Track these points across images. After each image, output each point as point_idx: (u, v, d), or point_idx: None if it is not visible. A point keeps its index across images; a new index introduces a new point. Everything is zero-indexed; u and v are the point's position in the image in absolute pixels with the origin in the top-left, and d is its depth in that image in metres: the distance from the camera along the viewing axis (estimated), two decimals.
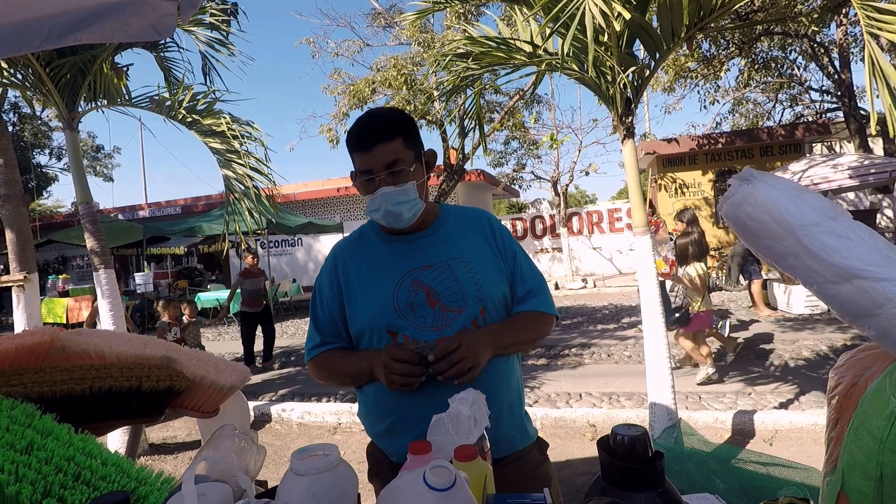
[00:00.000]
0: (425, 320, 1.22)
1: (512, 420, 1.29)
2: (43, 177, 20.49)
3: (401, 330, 1.22)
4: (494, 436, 1.23)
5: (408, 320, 1.22)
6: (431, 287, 1.24)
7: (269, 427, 4.75)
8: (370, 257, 1.32)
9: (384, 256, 1.31)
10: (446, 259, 1.28)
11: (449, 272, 1.26)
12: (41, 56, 3.78)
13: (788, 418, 3.90)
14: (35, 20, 1.69)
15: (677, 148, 12.59)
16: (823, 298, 0.90)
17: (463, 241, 1.32)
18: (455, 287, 1.24)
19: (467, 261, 1.28)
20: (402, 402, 1.20)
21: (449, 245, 1.31)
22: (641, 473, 0.71)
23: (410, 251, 1.30)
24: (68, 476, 0.80)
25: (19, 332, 1.02)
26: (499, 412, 1.24)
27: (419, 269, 1.27)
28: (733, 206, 0.97)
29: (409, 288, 1.24)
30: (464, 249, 1.30)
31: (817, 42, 10.21)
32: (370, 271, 1.30)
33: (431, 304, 1.23)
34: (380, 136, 1.21)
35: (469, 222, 1.37)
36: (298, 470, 0.75)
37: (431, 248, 1.30)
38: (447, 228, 1.34)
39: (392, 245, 1.32)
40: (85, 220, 4.06)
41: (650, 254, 3.36)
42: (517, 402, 1.32)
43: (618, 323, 8.45)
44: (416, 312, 1.23)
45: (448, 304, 1.23)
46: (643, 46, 3.07)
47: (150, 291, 12.17)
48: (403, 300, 1.23)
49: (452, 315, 1.23)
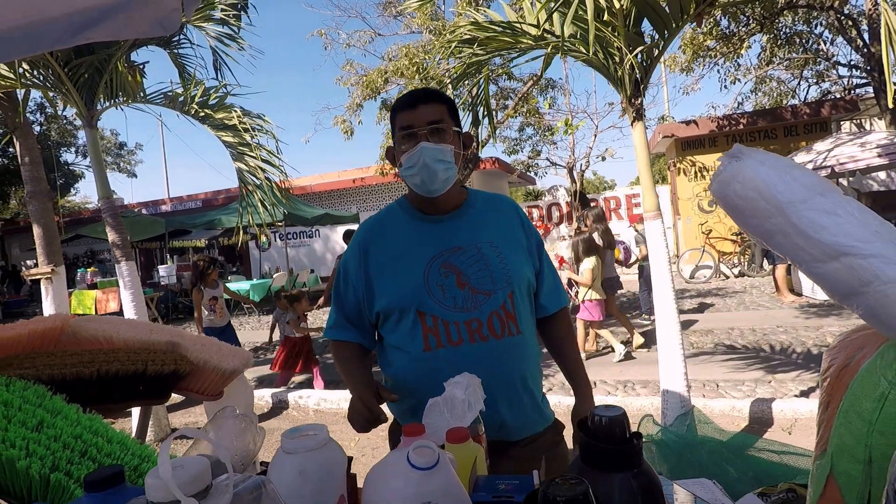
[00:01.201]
0: (455, 302, 1.24)
1: (532, 403, 1.31)
2: (70, 174, 21.05)
3: (430, 311, 1.24)
4: (514, 420, 1.27)
5: (437, 301, 1.24)
6: (461, 269, 1.26)
7: (287, 413, 4.86)
8: (400, 236, 1.33)
9: (414, 236, 1.32)
10: (476, 242, 1.30)
11: (479, 255, 1.28)
12: (59, 56, 3.87)
13: (809, 406, 3.81)
14: (47, 21, 1.74)
15: (696, 130, 12.28)
16: (812, 277, 0.89)
17: (492, 225, 1.34)
18: (485, 270, 1.26)
19: (496, 245, 1.30)
20: (428, 383, 1.20)
21: (478, 228, 1.32)
22: (617, 454, 0.72)
23: (441, 232, 1.31)
24: (75, 452, 0.84)
25: (32, 319, 1.08)
26: (519, 397, 1.28)
27: (450, 250, 1.28)
28: (721, 184, 0.95)
29: (440, 269, 1.26)
30: (493, 233, 1.32)
31: (844, 14, 9.77)
32: (399, 250, 1.31)
33: (461, 286, 1.25)
34: (427, 99, 1.26)
35: (497, 207, 1.39)
36: (288, 448, 0.78)
37: (461, 229, 1.31)
38: (476, 211, 1.36)
39: (421, 224, 1.33)
40: (106, 214, 4.18)
41: (662, 238, 3.32)
42: (536, 385, 1.34)
43: (635, 310, 8.38)
44: (447, 293, 1.24)
45: (478, 287, 1.25)
46: (651, 24, 3.01)
47: (173, 283, 12.46)
48: (434, 281, 1.25)
49: (482, 298, 1.25)
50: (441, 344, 1.22)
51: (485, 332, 1.23)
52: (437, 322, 1.23)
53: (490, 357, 1.22)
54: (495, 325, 1.23)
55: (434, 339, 1.23)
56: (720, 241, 11.64)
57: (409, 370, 1.25)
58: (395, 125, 1.30)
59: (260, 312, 11.89)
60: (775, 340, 5.81)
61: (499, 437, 1.25)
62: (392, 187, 15.44)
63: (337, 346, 1.37)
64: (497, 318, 1.24)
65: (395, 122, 1.30)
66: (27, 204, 4.45)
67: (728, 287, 9.90)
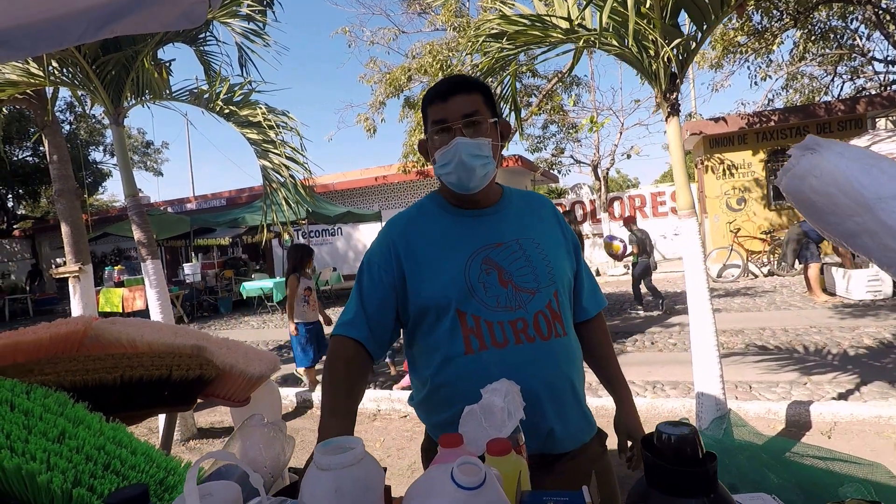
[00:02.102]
0: (497, 300, 1.16)
1: (580, 411, 1.24)
2: (98, 173, 21.51)
3: (471, 310, 1.14)
4: (563, 431, 1.18)
5: (479, 299, 1.15)
6: (503, 266, 1.18)
7: (311, 413, 4.85)
8: (436, 230, 1.24)
9: (451, 230, 1.23)
10: (517, 238, 1.23)
11: (521, 251, 1.21)
12: (87, 54, 3.91)
13: (849, 410, 3.67)
14: (72, 14, 1.72)
15: (725, 127, 11.99)
16: None
17: (530, 221, 1.28)
18: (527, 267, 1.19)
19: (537, 241, 1.24)
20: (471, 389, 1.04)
21: (517, 224, 1.26)
22: (691, 477, 0.64)
23: (479, 227, 1.23)
24: (98, 465, 0.79)
25: (55, 322, 1.04)
26: (569, 404, 1.20)
27: (490, 245, 1.20)
28: (795, 178, 0.86)
29: (481, 266, 1.18)
30: (532, 229, 1.26)
31: (882, 8, 9.45)
32: (436, 245, 1.21)
33: (503, 283, 1.17)
34: (460, 89, 1.18)
35: (533, 204, 1.33)
36: (322, 464, 0.72)
37: (500, 225, 1.24)
38: (513, 207, 1.29)
39: (458, 219, 1.25)
40: (132, 212, 4.21)
41: (697, 237, 3.20)
42: (582, 390, 1.27)
43: (661, 310, 8.20)
44: (489, 292, 1.16)
45: (521, 285, 1.17)
46: (689, 17, 2.89)
47: (198, 281, 12.62)
48: (476, 278, 1.16)
49: (526, 296, 1.17)
50: (485, 346, 1.13)
51: (531, 332, 1.14)
52: (480, 322, 1.14)
53: (538, 360, 1.14)
54: (542, 326, 1.15)
55: (477, 340, 1.14)
56: (748, 240, 11.36)
57: (449, 375, 1.15)
58: (426, 118, 1.23)
59: (283, 311, 11.99)
60: (809, 341, 5.61)
61: (544, 450, 1.16)
62: (415, 185, 15.43)
63: (340, 344, 1.18)
64: (543, 318, 1.16)
65: (427, 114, 1.22)
66: (55, 202, 4.50)
67: (757, 286, 9.63)
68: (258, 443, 0.93)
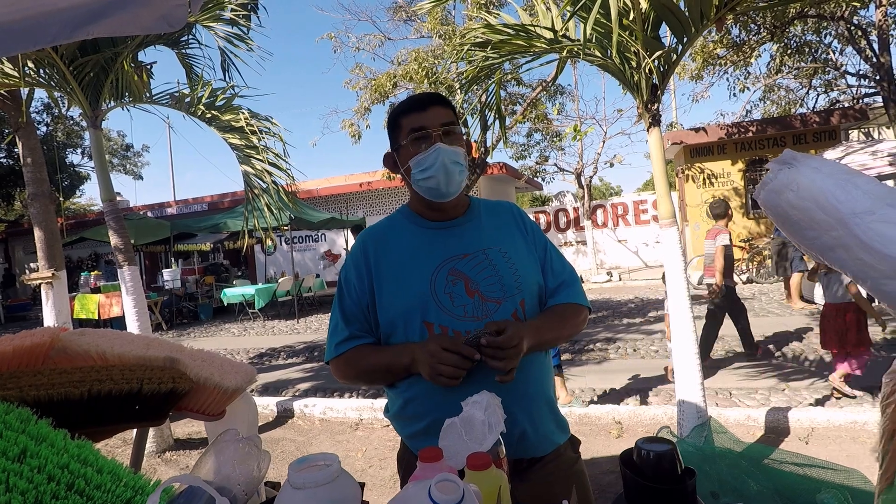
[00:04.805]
0: (464, 310, 1.17)
1: (552, 416, 1.26)
2: (76, 176, 21.05)
3: (437, 320, 1.17)
4: (535, 434, 1.20)
5: (445, 310, 1.17)
6: (469, 276, 1.20)
7: (292, 423, 4.77)
8: (403, 244, 1.26)
9: (418, 243, 1.26)
10: (483, 248, 1.24)
11: (487, 262, 1.22)
12: (65, 55, 3.82)
13: (826, 416, 3.74)
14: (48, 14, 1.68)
15: (705, 137, 12.22)
16: (879, 295, 0.80)
17: (497, 231, 1.30)
18: (494, 277, 1.21)
19: (504, 251, 1.25)
20: (446, 399, 1.10)
21: (484, 234, 1.28)
22: (669, 494, 0.64)
23: (446, 239, 1.25)
24: (61, 485, 0.76)
25: (19, 333, 1.00)
26: (540, 408, 1.22)
27: (456, 257, 1.22)
28: (772, 192, 0.87)
29: (447, 277, 1.19)
30: (499, 239, 1.28)
31: (854, 24, 9.74)
32: (404, 258, 1.24)
33: (470, 293, 1.19)
34: (436, 101, 1.23)
35: (499, 214, 1.35)
36: (296, 483, 0.70)
37: (467, 236, 1.26)
38: (480, 218, 1.31)
39: (426, 232, 1.27)
40: (109, 217, 4.11)
41: (677, 245, 3.23)
42: (553, 397, 1.29)
43: (644, 317, 8.28)
44: (455, 302, 1.17)
45: (487, 295, 1.19)
46: (670, 29, 2.93)
47: (178, 287, 12.40)
48: (441, 289, 1.18)
49: (492, 306, 1.18)
50: None
51: None
52: (447, 332, 1.16)
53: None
54: None
55: None
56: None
57: (422, 387, 1.16)
58: (400, 128, 1.24)
59: (265, 318, 11.83)
60: (787, 348, 5.71)
61: (518, 455, 1.18)
62: (399, 192, 15.41)
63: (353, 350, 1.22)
64: None
65: (402, 125, 1.23)
66: (29, 206, 4.39)
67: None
68: (232, 459, 0.90)
